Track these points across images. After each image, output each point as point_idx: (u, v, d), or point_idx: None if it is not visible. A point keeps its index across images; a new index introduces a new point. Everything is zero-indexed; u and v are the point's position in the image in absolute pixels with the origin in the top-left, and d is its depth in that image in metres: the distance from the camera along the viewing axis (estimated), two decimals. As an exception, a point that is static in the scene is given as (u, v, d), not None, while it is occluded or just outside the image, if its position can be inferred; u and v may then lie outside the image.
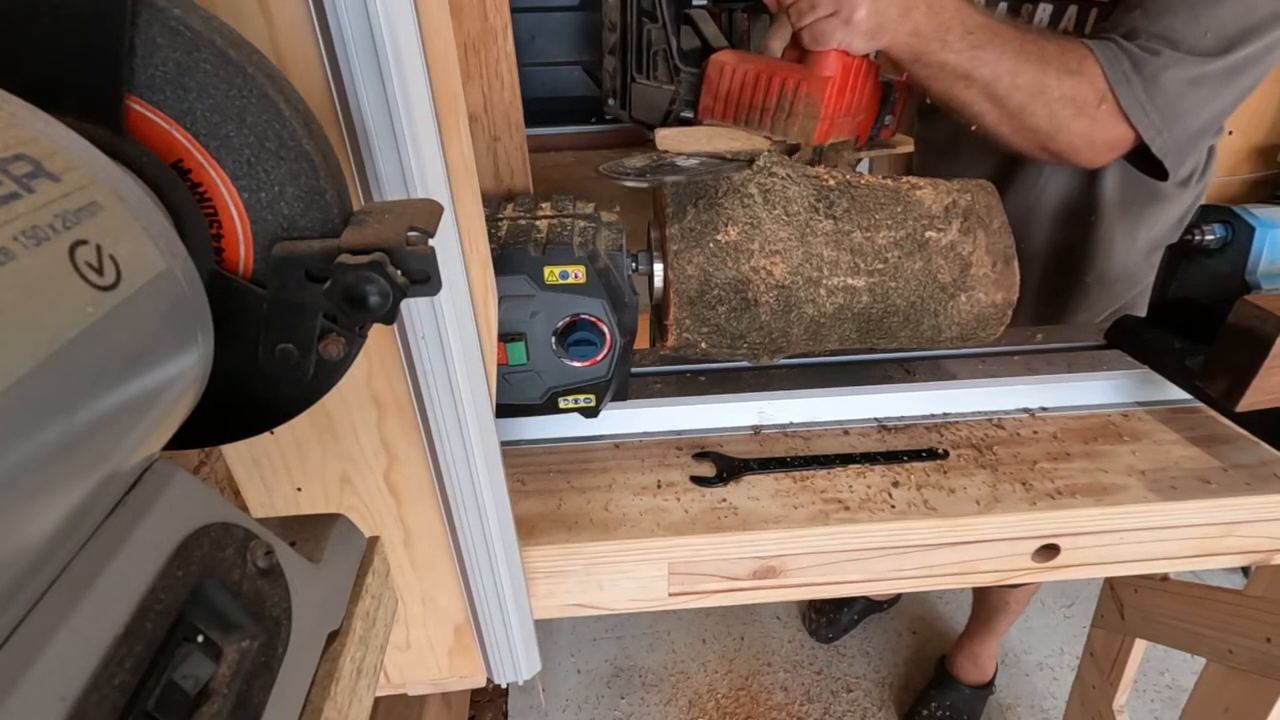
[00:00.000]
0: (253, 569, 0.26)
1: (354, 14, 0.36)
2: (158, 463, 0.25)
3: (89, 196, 0.21)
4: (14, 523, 0.18)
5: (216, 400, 0.28)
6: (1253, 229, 0.71)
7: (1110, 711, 1.13)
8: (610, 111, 0.92)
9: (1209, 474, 0.67)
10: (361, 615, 0.34)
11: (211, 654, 0.24)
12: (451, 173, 0.43)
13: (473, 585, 0.58)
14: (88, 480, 0.20)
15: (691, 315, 0.64)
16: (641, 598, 0.65)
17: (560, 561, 0.63)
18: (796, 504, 0.65)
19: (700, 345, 0.66)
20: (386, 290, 0.29)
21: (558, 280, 0.59)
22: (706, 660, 1.11)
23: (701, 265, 0.62)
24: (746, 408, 0.75)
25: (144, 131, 0.27)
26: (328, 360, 0.31)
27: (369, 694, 0.34)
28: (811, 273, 0.63)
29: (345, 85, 0.38)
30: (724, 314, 0.63)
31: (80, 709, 0.19)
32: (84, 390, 0.20)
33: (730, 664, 1.10)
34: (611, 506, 0.65)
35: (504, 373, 0.63)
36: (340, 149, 0.39)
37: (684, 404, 0.75)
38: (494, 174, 0.73)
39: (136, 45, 0.26)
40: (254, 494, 0.52)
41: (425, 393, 0.48)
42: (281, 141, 0.28)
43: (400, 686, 0.65)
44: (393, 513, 0.54)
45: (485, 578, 0.58)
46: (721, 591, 0.65)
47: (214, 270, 0.29)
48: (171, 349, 0.24)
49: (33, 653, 0.18)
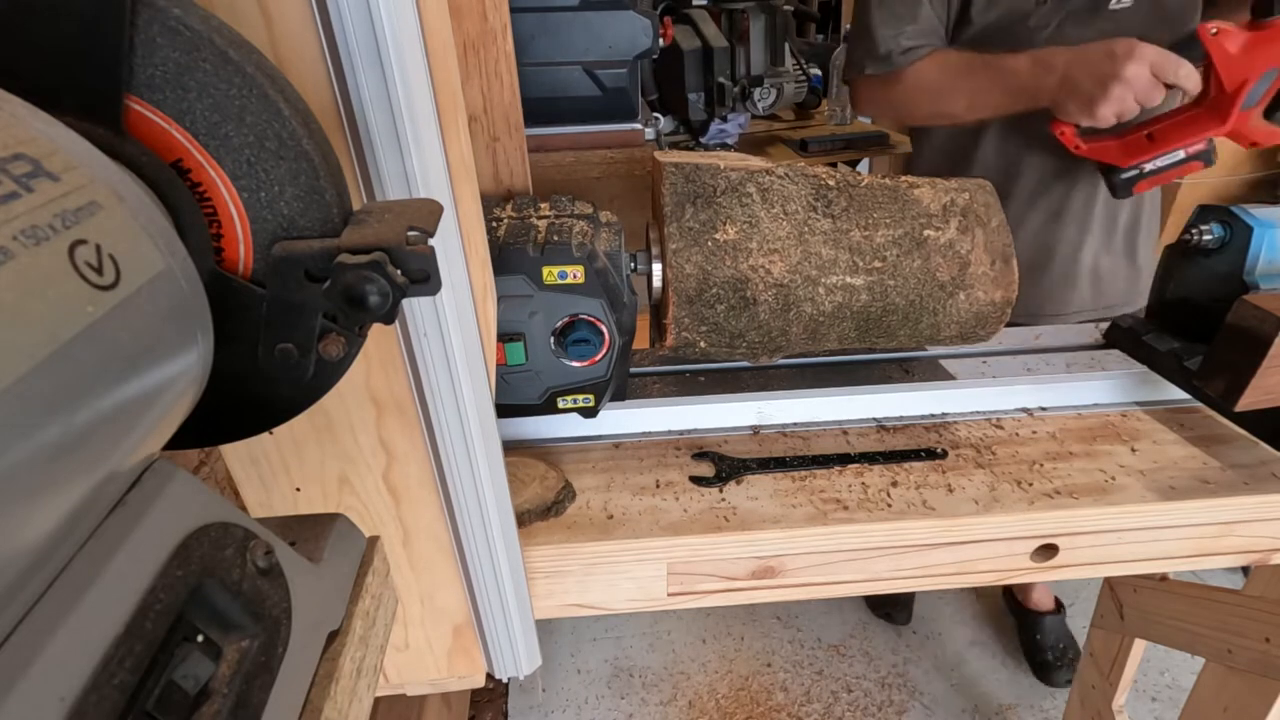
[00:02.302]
0: (252, 569, 0.26)
1: (357, 13, 0.36)
2: (158, 463, 0.25)
3: (88, 196, 0.21)
4: (14, 522, 0.18)
5: (216, 400, 0.28)
6: (1251, 229, 0.71)
7: (1110, 711, 1.13)
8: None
9: (1207, 474, 0.68)
10: (361, 615, 0.34)
11: (211, 654, 0.24)
12: (451, 172, 0.43)
13: (474, 580, 0.58)
14: (87, 480, 0.20)
15: (690, 314, 0.64)
16: (640, 598, 0.65)
17: (559, 561, 0.63)
18: (795, 504, 0.65)
19: (699, 345, 0.66)
20: (386, 290, 0.29)
21: (556, 280, 0.59)
22: (706, 660, 1.11)
23: (700, 264, 0.62)
24: (745, 408, 0.75)
25: (143, 131, 0.27)
26: (327, 360, 0.31)
27: (369, 694, 0.34)
28: (810, 271, 0.63)
29: (348, 84, 0.38)
30: (723, 312, 0.63)
31: (80, 709, 0.19)
32: (83, 390, 0.20)
33: (730, 664, 1.10)
34: (610, 506, 0.65)
35: (503, 373, 0.63)
36: (342, 149, 0.39)
37: (683, 404, 0.75)
38: (493, 174, 0.73)
39: (136, 45, 0.26)
40: (252, 494, 0.52)
41: (427, 392, 0.48)
42: (281, 141, 0.28)
43: (399, 687, 0.65)
44: (391, 513, 0.54)
45: (486, 572, 0.58)
46: (720, 591, 0.65)
47: (214, 270, 0.29)
48: (171, 349, 0.24)
49: (33, 653, 0.18)
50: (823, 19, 2.31)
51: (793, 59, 1.69)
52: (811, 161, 1.53)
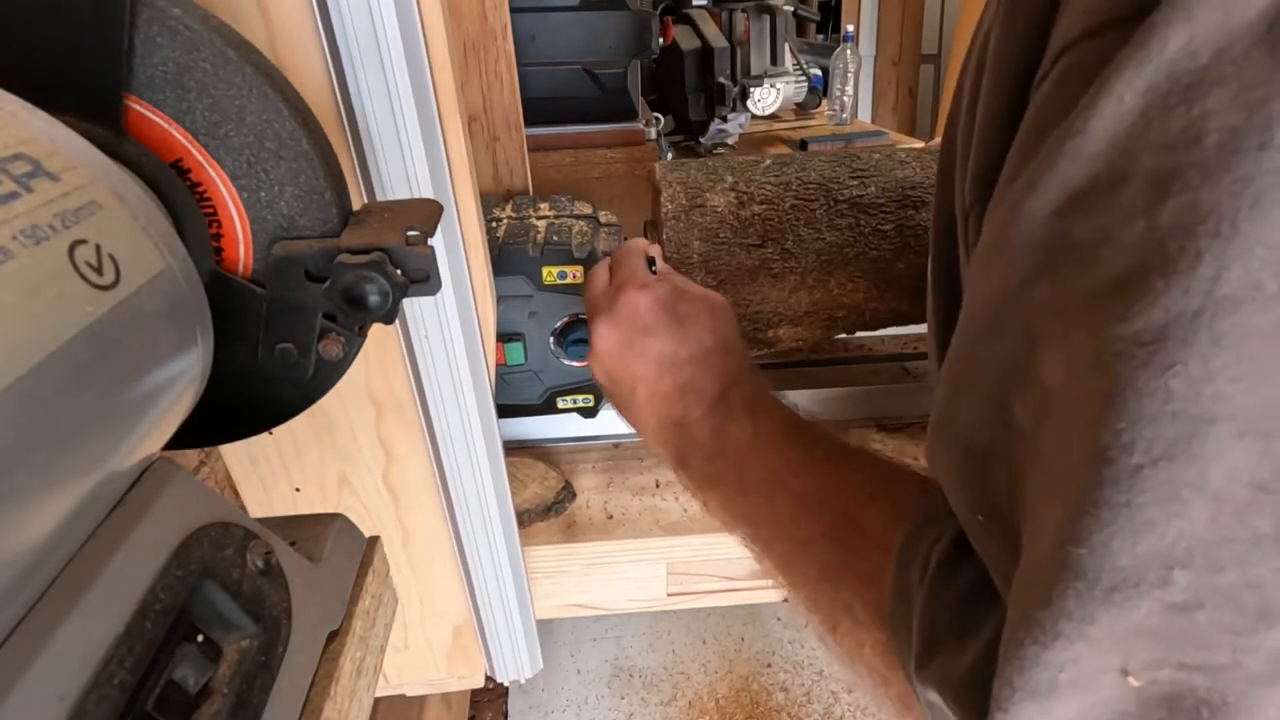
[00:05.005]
0: (252, 569, 0.26)
1: (357, 12, 0.36)
2: (157, 462, 0.25)
3: (88, 196, 0.21)
4: (13, 522, 0.18)
5: (216, 400, 0.28)
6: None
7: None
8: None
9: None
10: (361, 615, 0.34)
11: (211, 654, 0.24)
12: (451, 172, 0.43)
13: (475, 582, 0.58)
14: (87, 480, 0.20)
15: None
16: (640, 598, 0.65)
17: (559, 561, 0.63)
18: (796, 504, 0.65)
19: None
20: (386, 290, 0.29)
21: (556, 280, 0.59)
22: (707, 661, 1.11)
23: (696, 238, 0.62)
24: (746, 408, 0.75)
25: (143, 131, 0.27)
26: (327, 360, 0.31)
27: (369, 694, 0.34)
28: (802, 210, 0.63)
29: (348, 84, 0.38)
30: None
31: (80, 709, 0.19)
32: (83, 389, 0.20)
33: (730, 664, 1.10)
34: (610, 506, 0.65)
35: (502, 373, 0.63)
36: (342, 148, 0.39)
37: (683, 404, 0.75)
38: (493, 174, 0.73)
39: (136, 45, 0.26)
40: (252, 494, 0.52)
41: (427, 392, 0.48)
42: (281, 141, 0.28)
43: (399, 687, 0.65)
44: (391, 513, 0.54)
45: (488, 574, 0.58)
46: (720, 591, 0.65)
47: (213, 270, 0.29)
48: (171, 349, 0.24)
49: (33, 653, 0.18)
50: (823, 19, 2.31)
51: (793, 59, 1.69)
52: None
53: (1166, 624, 0.17)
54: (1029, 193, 0.20)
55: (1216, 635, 0.17)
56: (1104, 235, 0.18)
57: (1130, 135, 0.18)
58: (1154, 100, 0.17)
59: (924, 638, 0.25)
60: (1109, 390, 0.17)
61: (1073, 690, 0.18)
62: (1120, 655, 0.18)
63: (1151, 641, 0.17)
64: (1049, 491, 0.19)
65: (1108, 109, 0.18)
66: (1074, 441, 0.18)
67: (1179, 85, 0.17)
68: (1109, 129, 0.18)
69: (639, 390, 0.43)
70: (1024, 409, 0.21)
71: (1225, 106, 0.16)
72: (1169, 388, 0.16)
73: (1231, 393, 0.16)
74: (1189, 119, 0.17)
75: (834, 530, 0.33)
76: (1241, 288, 0.16)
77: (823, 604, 0.33)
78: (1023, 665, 0.18)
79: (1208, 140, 0.16)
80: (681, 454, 0.41)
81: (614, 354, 0.43)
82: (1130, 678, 0.18)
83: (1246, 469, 0.16)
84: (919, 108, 2.10)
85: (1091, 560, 0.17)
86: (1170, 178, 0.17)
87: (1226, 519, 0.16)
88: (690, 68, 1.41)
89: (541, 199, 0.67)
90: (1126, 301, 0.17)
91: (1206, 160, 0.16)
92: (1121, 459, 0.17)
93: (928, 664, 0.24)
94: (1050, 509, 0.19)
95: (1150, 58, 0.17)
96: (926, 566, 0.26)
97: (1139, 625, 0.17)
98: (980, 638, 0.22)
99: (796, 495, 0.36)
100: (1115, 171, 0.18)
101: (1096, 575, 0.17)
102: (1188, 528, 0.17)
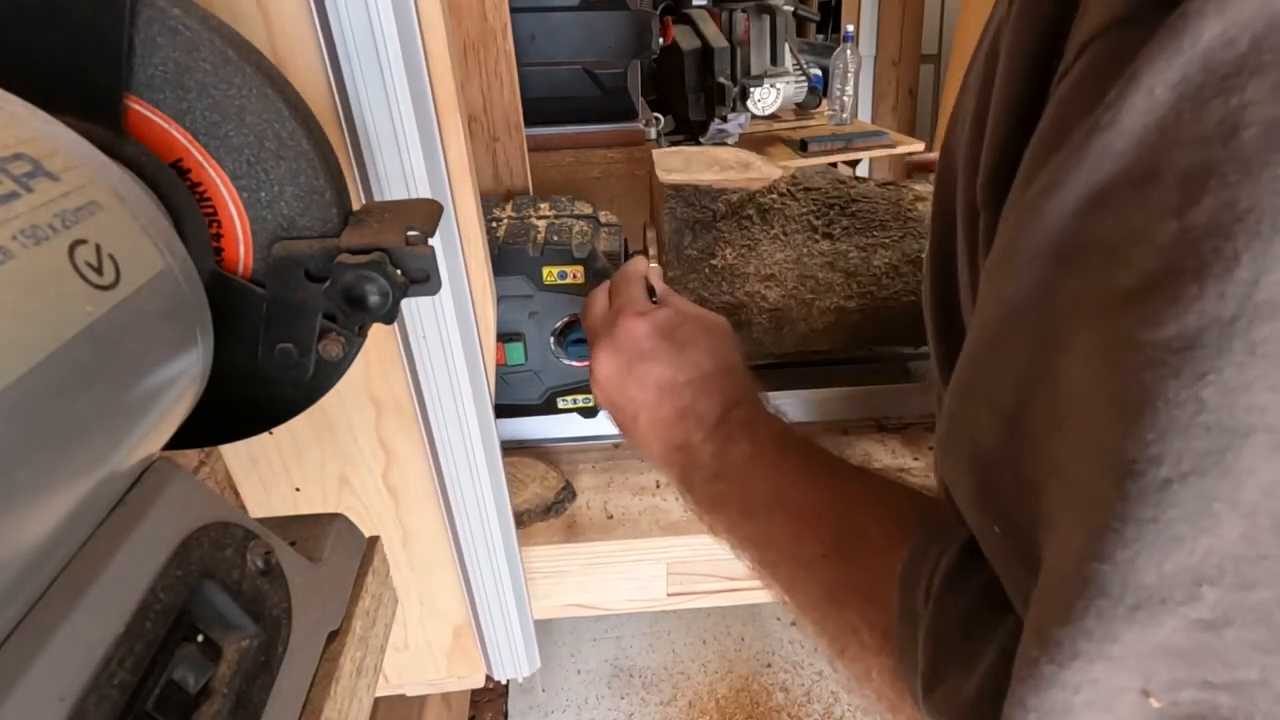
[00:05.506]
0: (252, 569, 0.26)
1: (355, 13, 0.36)
2: (157, 462, 0.25)
3: (88, 196, 0.21)
4: (13, 522, 0.18)
5: (216, 400, 0.28)
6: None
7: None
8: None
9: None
10: (361, 615, 0.34)
11: (211, 654, 0.24)
12: (451, 172, 0.43)
13: (473, 581, 0.58)
14: (87, 479, 0.20)
15: None
16: (640, 598, 0.65)
17: (559, 561, 0.63)
18: (796, 504, 0.65)
19: None
20: (386, 290, 0.29)
21: (556, 280, 0.59)
22: (707, 661, 1.11)
23: (697, 290, 0.63)
24: (746, 408, 0.75)
25: (143, 131, 0.27)
26: (327, 360, 0.31)
27: (369, 694, 0.34)
28: (805, 295, 0.64)
29: (346, 84, 0.38)
30: None
31: (80, 709, 0.19)
32: (83, 389, 0.20)
33: (730, 664, 1.10)
34: (610, 506, 0.65)
35: (502, 373, 0.63)
36: (341, 149, 0.39)
37: (683, 404, 0.75)
38: (493, 174, 0.73)
39: (136, 45, 0.26)
40: (252, 494, 0.52)
41: (426, 392, 0.48)
42: (281, 141, 0.28)
43: (398, 687, 0.65)
44: (391, 513, 0.54)
45: (486, 572, 0.58)
46: (720, 591, 0.65)
47: (213, 270, 0.29)
48: (171, 348, 0.24)
49: (33, 653, 0.18)
50: (823, 19, 2.31)
51: (793, 59, 1.69)
52: (812, 162, 1.53)
53: (1193, 642, 0.16)
54: (1050, 191, 0.19)
55: (1246, 653, 0.16)
56: (1132, 235, 0.17)
57: (1161, 130, 0.16)
58: (1187, 92, 0.16)
59: (930, 660, 0.24)
60: (1136, 399, 0.16)
61: (1090, 712, 0.17)
62: (1142, 675, 0.17)
63: (1175, 661, 0.17)
64: (1069, 504, 0.18)
65: (1137, 102, 0.17)
66: (1097, 452, 0.17)
67: (1215, 76, 0.16)
68: (1138, 123, 0.17)
69: (641, 416, 0.43)
70: (1042, 417, 0.20)
71: (1266, 97, 0.15)
72: (1201, 398, 0.15)
73: (1268, 403, 0.15)
74: (1226, 111, 0.15)
75: (836, 547, 0.33)
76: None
77: (829, 627, 0.33)
78: (1038, 685, 0.18)
79: (1246, 133, 0.15)
80: (686, 478, 0.41)
81: (615, 380, 0.44)
82: (1151, 699, 0.17)
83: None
84: (919, 108, 2.10)
85: (1115, 577, 0.17)
86: (1205, 174, 0.16)
87: (1260, 535, 0.16)
88: (690, 68, 1.41)
89: (541, 199, 0.67)
90: (1156, 305, 0.16)
91: (1245, 155, 0.15)
92: (1149, 472, 0.16)
93: (934, 689, 0.24)
94: (1071, 522, 0.18)
95: (1183, 48, 0.16)
96: (931, 585, 0.26)
97: (1163, 644, 0.17)
98: (987, 655, 0.21)
99: (797, 510, 0.36)
100: (1145, 168, 0.17)
101: (1120, 592, 0.17)
102: (1218, 544, 0.16)
